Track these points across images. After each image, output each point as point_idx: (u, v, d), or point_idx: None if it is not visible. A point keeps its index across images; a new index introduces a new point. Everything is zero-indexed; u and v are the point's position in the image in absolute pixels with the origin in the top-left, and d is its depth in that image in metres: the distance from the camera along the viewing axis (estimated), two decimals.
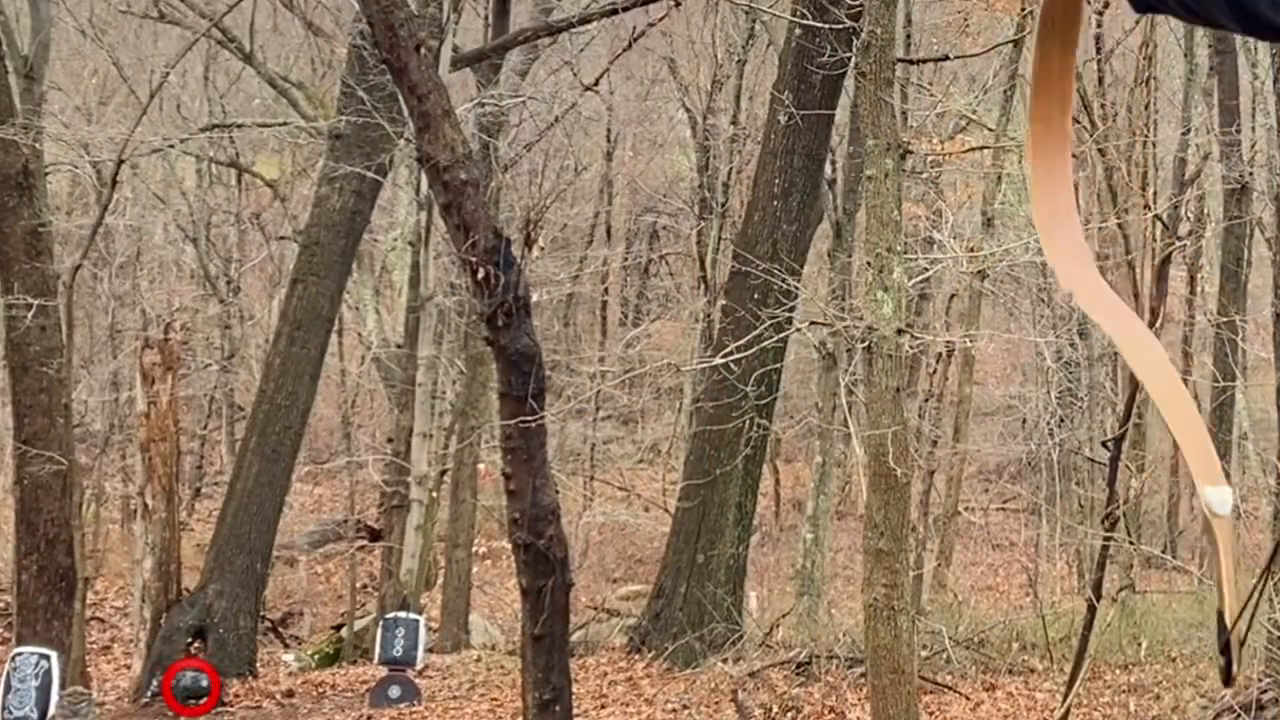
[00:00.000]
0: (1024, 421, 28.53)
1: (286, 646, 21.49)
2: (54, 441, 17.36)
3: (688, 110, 30.94)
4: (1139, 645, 17.04)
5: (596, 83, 26.85)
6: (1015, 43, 19.70)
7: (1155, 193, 16.53)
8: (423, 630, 17.54)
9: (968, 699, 15.70)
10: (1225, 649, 1.62)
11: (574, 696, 11.42)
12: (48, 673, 14.58)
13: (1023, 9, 18.73)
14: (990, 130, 20.84)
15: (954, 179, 25.18)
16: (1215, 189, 23.14)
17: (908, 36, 20.21)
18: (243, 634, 18.24)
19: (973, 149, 20.15)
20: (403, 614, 17.80)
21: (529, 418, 10.50)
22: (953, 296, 26.39)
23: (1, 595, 21.30)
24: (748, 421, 17.53)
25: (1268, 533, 17.50)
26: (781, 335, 15.94)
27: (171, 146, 23.40)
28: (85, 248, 18.85)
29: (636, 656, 17.85)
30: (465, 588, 21.48)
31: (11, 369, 18.23)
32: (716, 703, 15.78)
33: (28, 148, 17.65)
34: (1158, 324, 14.13)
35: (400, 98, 12.98)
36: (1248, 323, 22.92)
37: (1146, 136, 16.82)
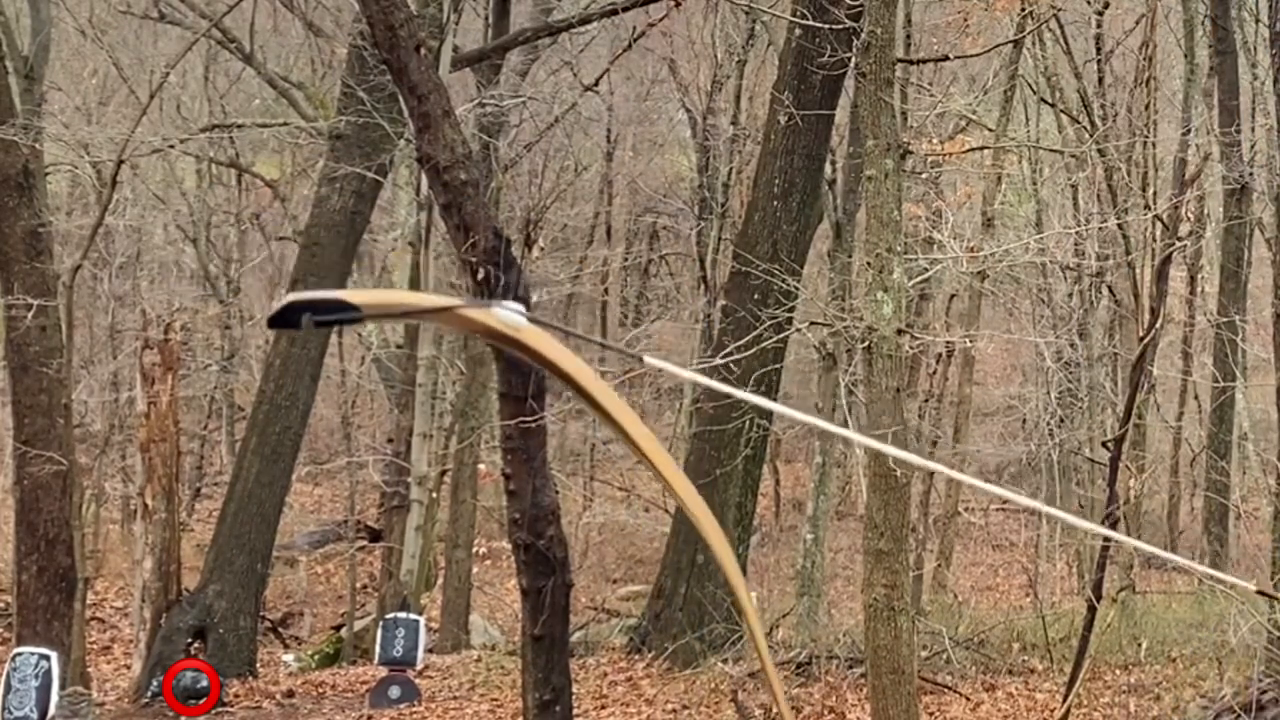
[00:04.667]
0: (1024, 422, 28.53)
1: (286, 647, 21.50)
2: (54, 442, 17.36)
3: (688, 110, 30.93)
4: (1139, 645, 17.04)
5: (596, 83, 26.85)
6: (1015, 43, 19.71)
7: (1155, 193, 16.51)
8: (423, 630, 17.54)
9: (968, 699, 15.70)
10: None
11: (574, 697, 11.41)
12: (48, 673, 14.58)
13: (1023, 9, 18.73)
14: (990, 130, 20.85)
15: (954, 179, 25.18)
16: (1215, 189, 23.15)
17: (908, 36, 20.21)
18: (243, 634, 18.24)
19: (973, 149, 20.15)
20: (403, 614, 17.79)
21: (529, 418, 10.50)
22: (953, 296, 26.40)
23: (1, 595, 21.30)
24: (748, 422, 17.53)
25: (1268, 533, 17.49)
26: (781, 335, 15.93)
27: (171, 147, 23.39)
28: (85, 248, 18.86)
29: (636, 656, 17.85)
30: (465, 588, 21.47)
31: (11, 369, 18.23)
32: (716, 703, 15.78)
33: (28, 148, 17.65)
34: (1158, 324, 14.12)
35: (400, 98, 12.98)
36: (1248, 323, 22.92)
37: (1146, 136, 16.79)
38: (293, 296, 1.44)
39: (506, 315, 1.42)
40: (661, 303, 37.75)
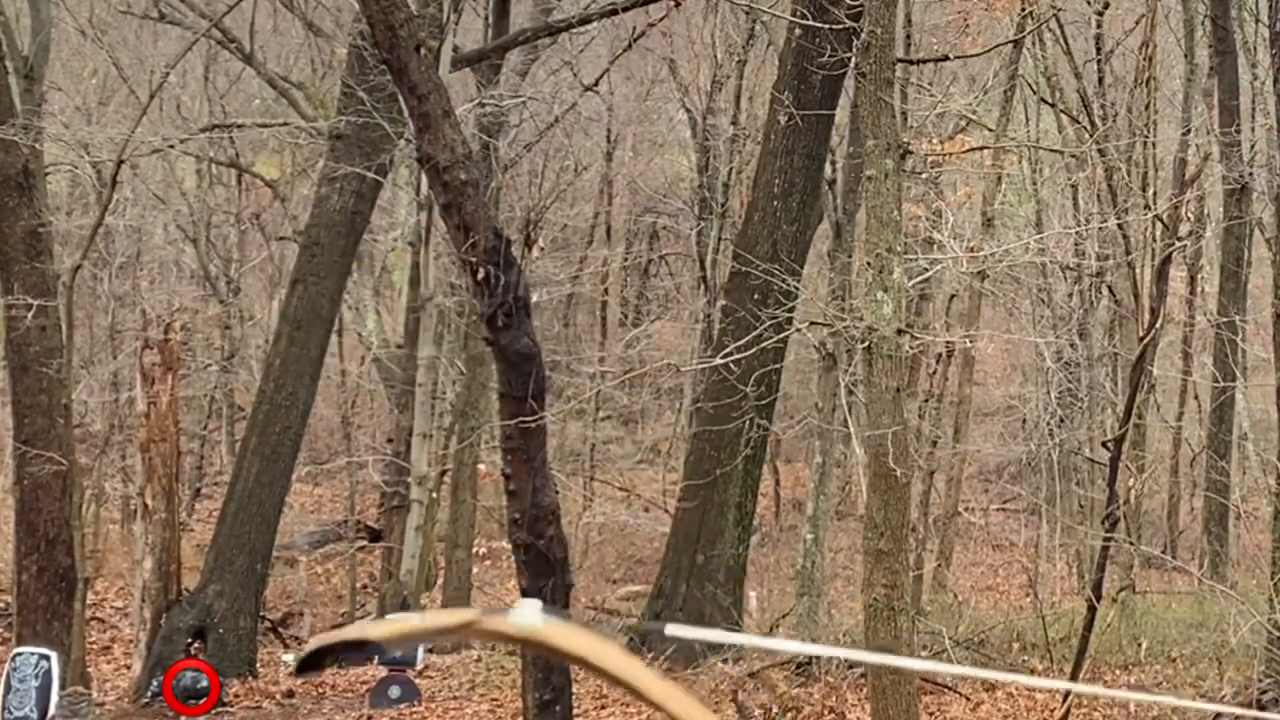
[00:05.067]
0: (1024, 422, 28.52)
1: (286, 647, 21.49)
2: (54, 442, 17.35)
3: (688, 110, 30.93)
4: (1139, 645, 17.05)
5: (596, 83, 26.84)
6: (1015, 43, 19.70)
7: (1155, 193, 16.51)
8: None
9: (968, 699, 15.71)
10: None
11: (574, 696, 11.42)
12: (48, 673, 14.58)
13: (1023, 9, 18.73)
14: (990, 130, 20.84)
15: (954, 179, 25.17)
16: (1215, 189, 23.14)
17: (908, 36, 20.21)
18: (243, 634, 18.23)
19: (973, 149, 20.14)
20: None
21: (529, 418, 10.49)
22: (953, 296, 26.39)
23: (1, 595, 21.29)
24: (748, 422, 17.53)
25: (1268, 533, 17.49)
26: (781, 335, 15.93)
27: (171, 147, 23.38)
28: (85, 248, 18.85)
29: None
30: (465, 588, 21.47)
31: (11, 369, 18.23)
32: (716, 703, 15.78)
33: (28, 148, 17.65)
34: (1158, 324, 14.12)
35: (400, 98, 12.98)
36: (1248, 323, 22.92)
37: (1146, 136, 16.78)
38: (316, 642, 1.45)
39: (523, 619, 1.44)
40: (661, 303, 37.74)
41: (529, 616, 1.44)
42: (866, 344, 10.76)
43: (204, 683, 15.65)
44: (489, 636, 1.45)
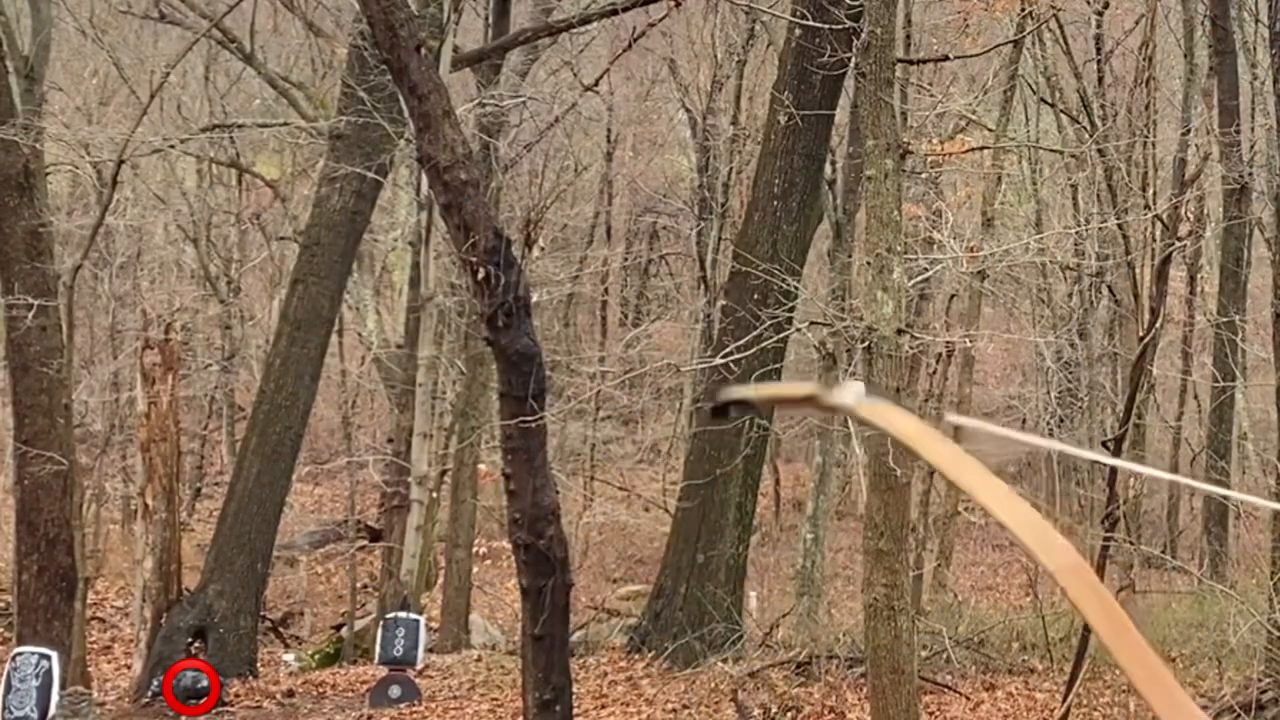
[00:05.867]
0: (1024, 422, 28.52)
1: (287, 646, 21.50)
2: (54, 442, 17.36)
3: (688, 110, 30.95)
4: None
5: (596, 83, 26.86)
6: (1015, 43, 19.71)
7: (1155, 193, 16.53)
8: (423, 630, 17.54)
9: (968, 699, 15.71)
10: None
11: (574, 696, 11.42)
12: (48, 673, 14.59)
13: (1023, 9, 18.74)
14: (990, 130, 20.85)
15: (954, 179, 25.18)
16: (1215, 189, 23.15)
17: (908, 36, 20.21)
18: (243, 634, 18.24)
19: (973, 149, 20.15)
20: (403, 614, 17.79)
21: (529, 418, 10.50)
22: (953, 296, 26.39)
23: (2, 595, 21.30)
24: (748, 421, 17.53)
25: (1268, 533, 17.50)
26: (781, 335, 15.94)
27: (172, 147, 23.39)
28: (85, 248, 18.85)
29: (636, 656, 17.85)
30: (465, 588, 21.47)
31: (12, 369, 18.23)
32: (716, 703, 15.78)
33: (28, 148, 17.66)
34: (1158, 324, 14.14)
35: (400, 98, 12.98)
36: (1248, 323, 22.93)
37: (1146, 136, 16.80)
38: (723, 397, 1.75)
39: (847, 398, 1.65)
40: (661, 303, 37.75)
41: (852, 396, 1.63)
42: (866, 344, 10.77)
43: (204, 682, 15.65)
44: (823, 410, 1.65)
